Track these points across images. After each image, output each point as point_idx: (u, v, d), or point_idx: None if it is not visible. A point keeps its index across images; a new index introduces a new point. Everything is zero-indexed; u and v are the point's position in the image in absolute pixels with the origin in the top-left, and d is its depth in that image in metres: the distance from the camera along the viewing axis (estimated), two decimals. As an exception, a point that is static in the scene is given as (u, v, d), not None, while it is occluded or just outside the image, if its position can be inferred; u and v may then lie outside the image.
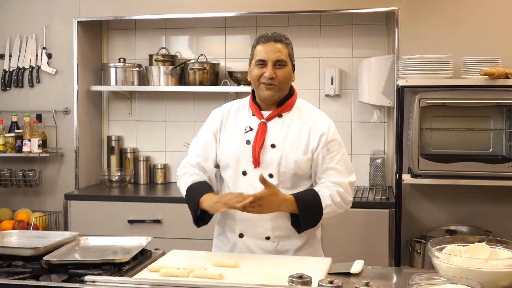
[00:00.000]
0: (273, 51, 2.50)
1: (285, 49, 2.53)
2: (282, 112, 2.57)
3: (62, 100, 4.45)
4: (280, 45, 2.52)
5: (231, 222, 2.58)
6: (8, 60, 4.51)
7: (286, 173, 2.49)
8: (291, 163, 2.50)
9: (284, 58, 2.51)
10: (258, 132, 2.53)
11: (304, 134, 2.53)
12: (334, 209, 2.48)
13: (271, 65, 2.50)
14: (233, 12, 4.26)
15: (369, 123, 4.38)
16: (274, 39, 2.52)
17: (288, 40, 2.58)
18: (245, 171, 2.52)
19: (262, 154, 2.50)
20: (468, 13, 3.91)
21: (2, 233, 2.58)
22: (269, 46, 2.51)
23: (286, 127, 2.55)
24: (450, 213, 3.98)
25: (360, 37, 4.40)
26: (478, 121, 3.77)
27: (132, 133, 4.77)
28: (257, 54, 2.53)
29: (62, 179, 4.49)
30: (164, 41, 4.69)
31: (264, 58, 2.50)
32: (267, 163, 2.50)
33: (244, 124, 2.59)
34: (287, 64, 2.53)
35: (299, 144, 2.52)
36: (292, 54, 2.57)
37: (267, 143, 2.52)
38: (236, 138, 2.56)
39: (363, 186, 4.33)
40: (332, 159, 2.52)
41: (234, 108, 2.66)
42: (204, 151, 2.63)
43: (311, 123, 2.56)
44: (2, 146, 4.33)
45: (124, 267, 2.16)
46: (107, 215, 4.09)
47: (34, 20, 4.47)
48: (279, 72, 2.50)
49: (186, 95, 4.63)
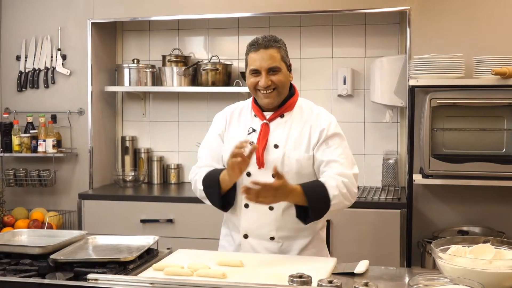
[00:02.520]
0: (265, 59, 2.47)
1: (277, 53, 2.50)
2: (283, 112, 2.57)
3: (77, 101, 4.51)
4: (272, 51, 2.48)
5: (236, 223, 2.59)
6: (24, 62, 4.57)
7: (289, 172, 2.49)
8: (293, 162, 2.50)
9: (276, 65, 2.49)
10: (261, 133, 2.54)
11: (305, 133, 2.54)
12: (341, 200, 2.42)
13: (264, 73, 2.48)
14: (246, 12, 4.27)
15: (382, 123, 4.36)
16: (265, 46, 2.48)
17: (279, 43, 2.54)
18: (249, 172, 2.53)
19: (265, 155, 2.51)
20: (481, 12, 3.88)
21: (13, 232, 2.62)
22: (260, 54, 2.48)
23: (288, 126, 2.55)
24: (462, 214, 3.95)
25: (373, 37, 4.39)
26: (491, 121, 3.74)
27: (146, 133, 4.81)
28: (250, 62, 2.52)
29: (76, 179, 4.54)
30: (178, 41, 4.72)
31: (257, 67, 2.49)
32: (270, 163, 2.49)
33: (247, 126, 2.60)
34: (282, 69, 2.51)
35: (301, 142, 2.52)
36: (285, 56, 2.54)
37: (270, 144, 2.53)
38: (240, 139, 2.56)
39: (375, 186, 4.32)
40: (332, 152, 2.49)
41: (237, 110, 2.67)
42: (213, 153, 2.64)
43: (313, 121, 2.56)
44: (18, 146, 4.39)
45: (129, 265, 2.18)
46: (120, 214, 4.13)
47: (49, 22, 4.53)
48: (274, 78, 2.49)
49: (199, 96, 4.65)
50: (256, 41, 2.51)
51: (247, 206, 2.54)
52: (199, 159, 2.70)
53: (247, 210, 2.55)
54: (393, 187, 4.20)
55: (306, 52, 4.49)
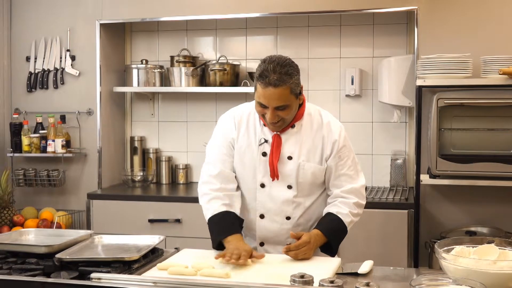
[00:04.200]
0: (272, 98, 2.37)
1: (285, 91, 2.37)
2: (294, 123, 2.55)
3: (86, 101, 4.53)
4: (280, 90, 2.36)
5: (252, 231, 2.63)
6: (33, 63, 4.61)
7: (303, 183, 2.54)
8: (308, 173, 2.54)
9: (284, 103, 2.39)
10: (273, 145, 2.52)
11: (318, 143, 2.55)
12: (354, 220, 2.60)
13: (272, 110, 2.40)
14: (254, 13, 4.28)
15: (390, 123, 4.35)
16: (274, 85, 2.35)
17: (289, 77, 2.38)
18: (263, 184, 2.55)
19: (279, 167, 2.52)
20: (488, 12, 3.86)
21: (21, 231, 2.65)
22: (268, 92, 2.36)
23: (300, 137, 2.55)
24: (470, 214, 3.93)
25: (381, 37, 4.38)
26: (499, 121, 3.71)
27: (154, 133, 4.83)
28: (257, 94, 2.41)
29: (85, 178, 4.57)
30: (186, 42, 4.73)
31: (264, 103, 2.40)
32: (285, 175, 2.53)
33: (256, 134, 2.57)
34: (290, 104, 2.42)
35: (315, 154, 2.54)
36: (295, 88, 2.41)
37: (283, 155, 2.53)
38: (251, 149, 2.56)
39: (383, 186, 4.31)
40: (343, 165, 2.57)
41: (244, 117, 2.61)
42: (224, 158, 2.59)
43: (324, 131, 2.56)
44: (27, 147, 4.43)
45: (133, 265, 2.20)
46: (128, 214, 4.15)
47: (58, 23, 4.56)
48: (281, 113, 2.43)
49: (207, 96, 4.66)
50: (265, 75, 2.37)
51: (262, 217, 2.58)
52: (207, 156, 2.64)
53: (262, 220, 2.59)
54: (401, 188, 4.19)
55: (314, 52, 4.49)
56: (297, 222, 2.57)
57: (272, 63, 2.39)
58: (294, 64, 2.45)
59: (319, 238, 2.47)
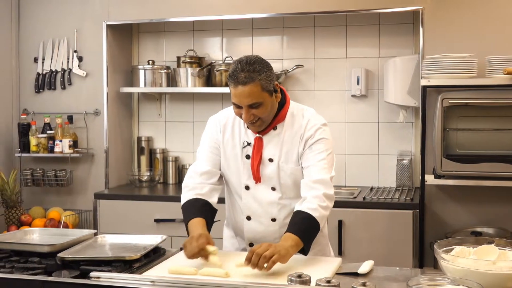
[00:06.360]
0: (243, 96, 2.36)
1: (256, 87, 2.36)
2: (276, 124, 2.53)
3: (93, 102, 4.57)
4: (250, 87, 2.35)
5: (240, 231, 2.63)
6: (41, 63, 4.65)
7: (285, 184, 2.52)
8: (288, 175, 2.52)
9: (256, 101, 2.37)
10: (254, 148, 2.52)
11: (295, 144, 2.52)
12: (325, 213, 2.42)
13: (246, 109, 2.39)
14: (260, 13, 4.30)
15: (396, 124, 4.35)
16: (243, 82, 2.34)
17: (257, 73, 2.37)
18: (247, 186, 2.55)
19: (261, 169, 2.52)
20: (493, 12, 3.85)
21: (25, 230, 2.67)
22: (239, 90, 2.36)
23: (281, 139, 2.53)
24: (476, 215, 3.92)
25: (386, 37, 4.38)
26: (504, 121, 3.69)
27: (161, 133, 4.85)
28: (231, 95, 2.41)
29: (92, 178, 4.60)
30: (193, 43, 4.75)
31: (237, 103, 2.39)
32: (267, 177, 2.52)
33: (240, 137, 2.57)
34: (263, 101, 2.40)
35: (292, 154, 2.52)
36: (267, 83, 2.40)
37: (264, 158, 2.52)
38: (235, 153, 2.56)
39: (389, 186, 4.30)
40: (314, 157, 2.48)
41: (230, 121, 2.60)
42: (211, 159, 2.60)
43: (302, 129, 2.52)
44: (35, 147, 4.46)
45: (134, 264, 2.22)
46: (135, 214, 4.18)
47: (65, 24, 4.60)
48: (256, 111, 2.40)
49: (214, 96, 4.68)
50: (234, 75, 2.38)
51: (249, 219, 2.58)
52: (196, 160, 2.66)
53: (249, 221, 2.59)
54: (407, 188, 4.19)
55: (320, 52, 4.49)
56: (283, 223, 2.52)
57: (241, 62, 2.40)
58: (264, 61, 2.44)
59: (293, 243, 2.28)
